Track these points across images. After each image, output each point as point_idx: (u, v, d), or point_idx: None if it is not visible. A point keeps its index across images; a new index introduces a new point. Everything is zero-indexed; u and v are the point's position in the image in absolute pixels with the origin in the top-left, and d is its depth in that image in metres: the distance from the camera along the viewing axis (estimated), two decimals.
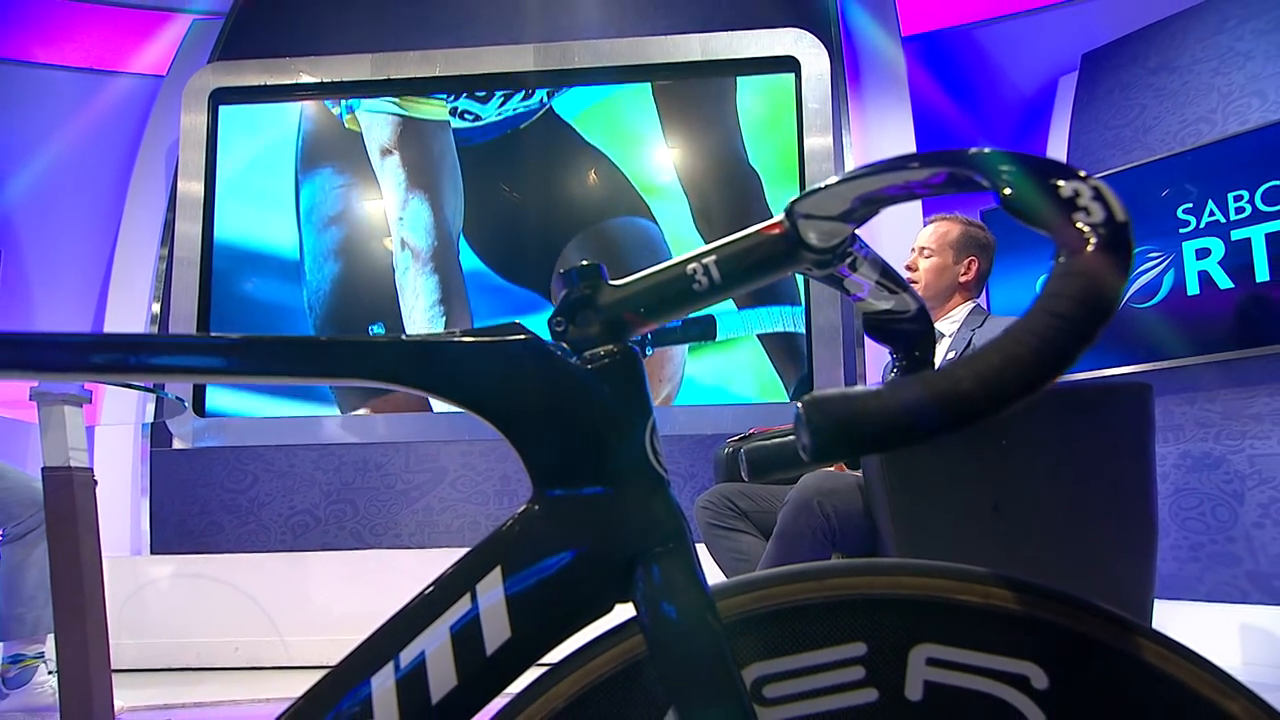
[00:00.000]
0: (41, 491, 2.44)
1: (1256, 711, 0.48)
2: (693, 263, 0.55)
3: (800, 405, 0.43)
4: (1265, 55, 3.79)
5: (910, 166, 0.50)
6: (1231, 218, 3.56)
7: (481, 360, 0.56)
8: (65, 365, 0.59)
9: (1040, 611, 0.51)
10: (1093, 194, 0.42)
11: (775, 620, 0.53)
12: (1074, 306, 0.40)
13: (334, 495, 4.19)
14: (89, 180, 4.96)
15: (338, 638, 3.75)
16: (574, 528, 0.55)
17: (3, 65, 4.89)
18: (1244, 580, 3.50)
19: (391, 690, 0.52)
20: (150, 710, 2.79)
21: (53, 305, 4.96)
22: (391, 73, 4.49)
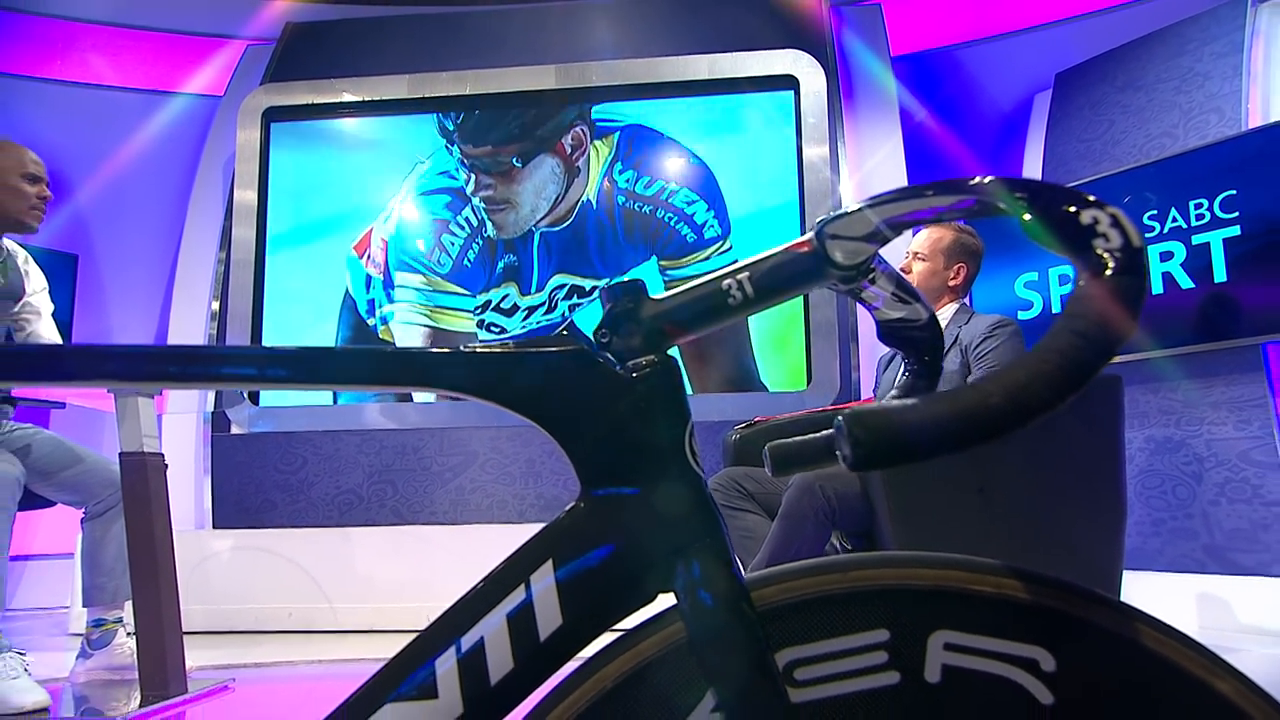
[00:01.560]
0: (118, 473, 2.46)
1: (1243, 689, 0.48)
2: (728, 279, 0.54)
3: (842, 419, 0.43)
4: (1222, 75, 3.79)
5: (938, 193, 0.50)
6: (1192, 224, 3.55)
7: (533, 369, 0.56)
8: (184, 376, 0.61)
9: (1047, 600, 0.50)
10: (1110, 221, 0.42)
11: (805, 609, 0.52)
12: (1094, 326, 0.41)
13: (375, 476, 4.20)
14: (154, 190, 4.98)
15: (381, 605, 3.77)
16: (619, 524, 0.54)
17: (76, 88, 4.92)
18: (1201, 553, 3.51)
19: (454, 671, 0.51)
20: (217, 669, 2.80)
21: (124, 304, 4.99)
22: (426, 92, 4.51)
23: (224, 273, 4.48)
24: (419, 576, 3.78)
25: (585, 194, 4.37)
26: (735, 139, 4.37)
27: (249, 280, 4.39)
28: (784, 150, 4.32)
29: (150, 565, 2.39)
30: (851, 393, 4.01)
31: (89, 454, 2.63)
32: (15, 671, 2.21)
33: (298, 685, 2.80)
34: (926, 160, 4.71)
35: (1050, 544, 2.21)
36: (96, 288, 4.93)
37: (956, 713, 0.50)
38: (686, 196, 4.31)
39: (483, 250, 4.37)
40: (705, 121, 4.38)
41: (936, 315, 2.60)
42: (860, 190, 4.33)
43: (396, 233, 4.44)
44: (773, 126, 4.36)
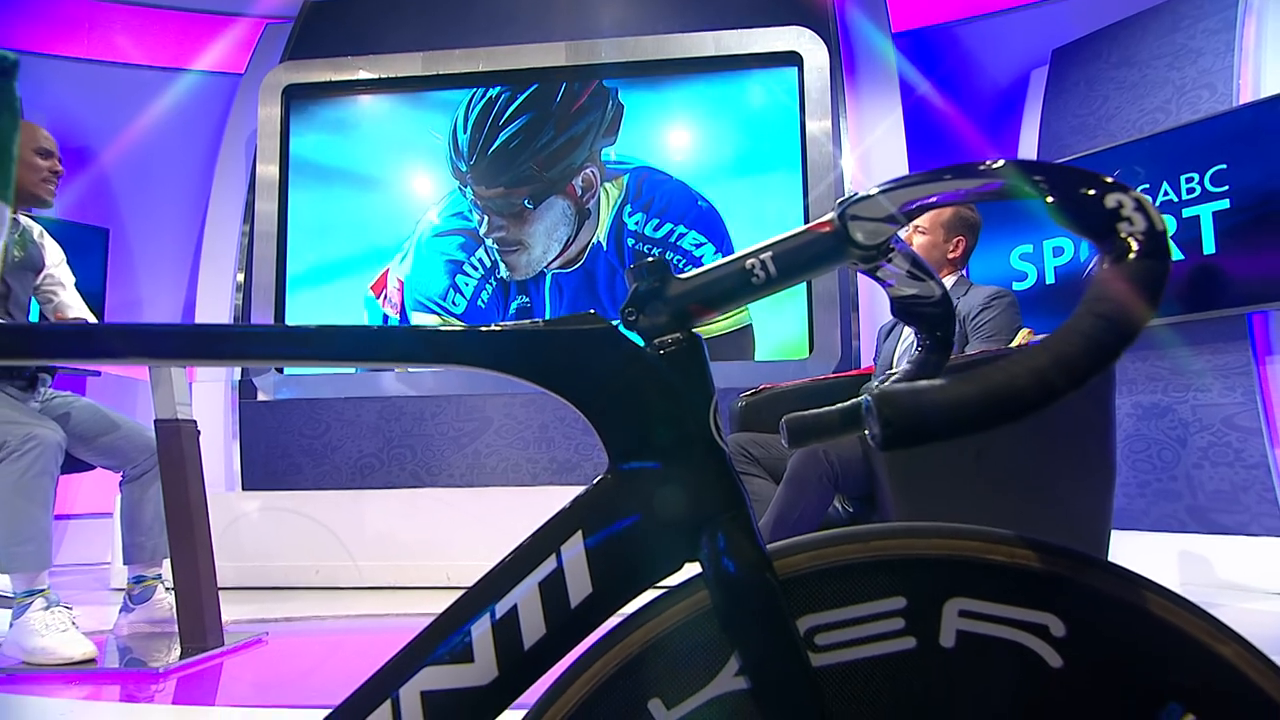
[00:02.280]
0: (153, 439, 2.49)
1: (1245, 653, 0.48)
2: (751, 258, 0.54)
3: (871, 399, 0.43)
4: (1215, 52, 3.74)
5: (962, 177, 0.49)
6: (1183, 197, 3.54)
7: (562, 347, 0.55)
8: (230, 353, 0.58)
9: (1058, 569, 0.50)
10: (1134, 205, 0.42)
11: (825, 577, 0.52)
12: (1118, 309, 0.40)
13: (395, 441, 4.23)
14: (180, 166, 4.97)
15: (401, 563, 3.81)
16: (645, 496, 0.53)
17: (103, 66, 4.90)
18: (1183, 513, 3.53)
19: (488, 636, 0.52)
20: (250, 623, 2.84)
21: (154, 276, 5.00)
22: (439, 69, 4.47)
23: (248, 246, 4.49)
24: (437, 536, 3.82)
25: (596, 236, 4.33)
26: (744, 181, 4.31)
27: (271, 253, 4.39)
28: (791, 188, 4.26)
29: (186, 525, 2.43)
30: (851, 361, 4.02)
31: (125, 420, 2.66)
32: (64, 625, 2.25)
33: (327, 638, 2.84)
34: (926, 135, 4.67)
35: (1043, 505, 2.22)
36: (127, 260, 4.94)
37: (970, 676, 0.50)
38: (694, 239, 4.27)
39: (496, 291, 4.35)
40: (714, 164, 4.34)
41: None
42: (862, 164, 4.31)
43: (412, 273, 4.41)
44: (783, 166, 4.29)
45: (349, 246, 4.47)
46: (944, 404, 0.41)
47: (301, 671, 2.37)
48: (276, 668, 2.36)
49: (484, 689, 0.51)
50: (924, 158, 4.56)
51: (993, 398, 0.41)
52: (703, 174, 4.31)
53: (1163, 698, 0.47)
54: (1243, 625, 0.44)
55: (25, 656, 2.22)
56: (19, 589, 2.28)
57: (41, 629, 2.21)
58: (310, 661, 2.51)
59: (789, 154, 4.26)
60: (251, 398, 4.31)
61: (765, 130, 4.32)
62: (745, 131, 4.34)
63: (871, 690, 0.51)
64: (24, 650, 2.22)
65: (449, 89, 4.48)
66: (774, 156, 4.28)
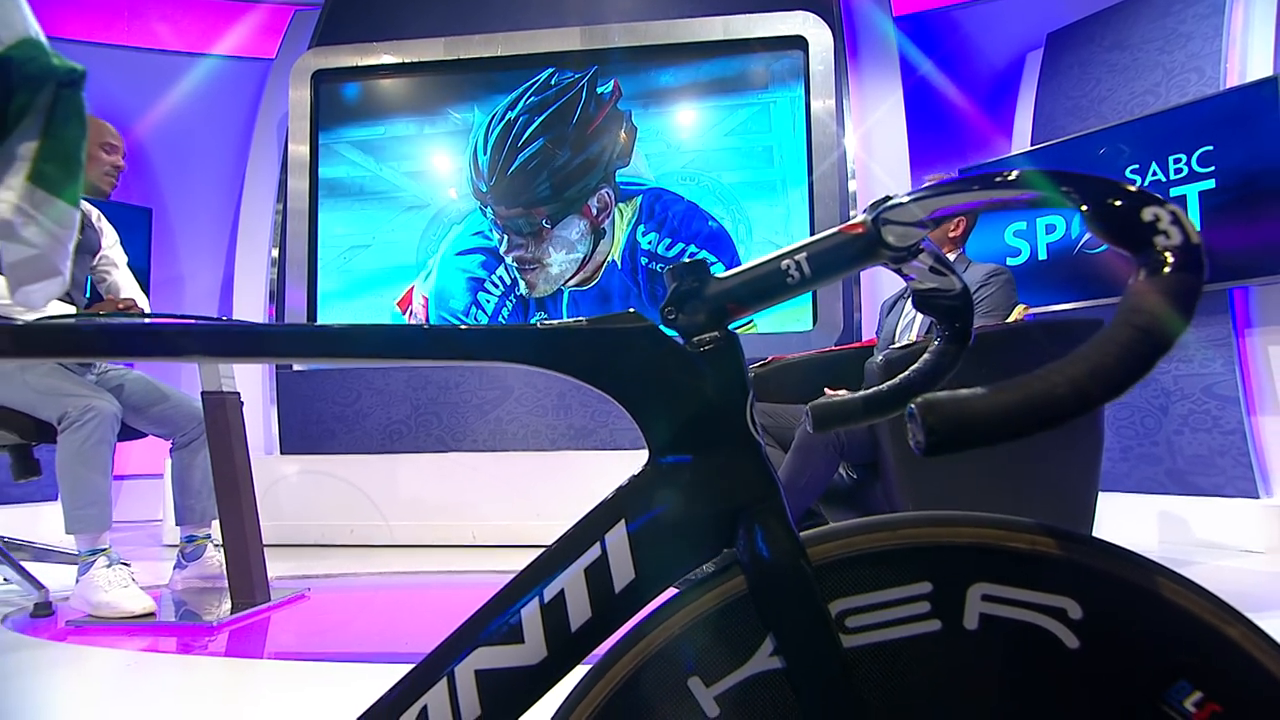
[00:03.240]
0: (200, 408, 2.52)
1: (1250, 634, 0.48)
2: (786, 259, 0.53)
3: (915, 406, 0.42)
4: (1204, 36, 3.70)
5: (1001, 185, 0.47)
6: (1171, 177, 3.51)
7: (605, 345, 0.55)
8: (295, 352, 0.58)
9: (1075, 555, 0.50)
10: (1171, 219, 0.40)
11: (856, 564, 0.52)
12: (1155, 321, 0.39)
13: (422, 409, 4.26)
14: (216, 147, 4.96)
15: (429, 522, 3.86)
16: (685, 487, 0.53)
17: (142, 53, 4.88)
18: (1163, 476, 3.56)
19: (537, 619, 0.52)
20: (293, 579, 2.90)
21: (194, 253, 5.01)
22: (460, 54, 4.44)
23: (282, 222, 4.49)
24: (462, 498, 3.87)
25: (610, 255, 4.31)
26: (754, 205, 4.29)
27: (304, 229, 4.40)
28: (800, 212, 4.24)
29: (233, 488, 2.46)
30: (853, 333, 4.03)
31: (174, 392, 2.69)
32: (125, 581, 2.31)
33: (365, 593, 2.88)
34: (926, 115, 4.64)
35: (1035, 471, 2.24)
36: (169, 238, 4.95)
37: (991, 657, 0.50)
38: (706, 259, 4.23)
39: (516, 308, 4.33)
40: (722, 187, 4.31)
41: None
42: (864, 143, 4.28)
43: (436, 289, 4.40)
44: (791, 181, 4.26)
45: (377, 262, 4.48)
46: (986, 412, 0.41)
47: (342, 625, 2.42)
48: (320, 621, 2.41)
49: (533, 668, 0.51)
50: (923, 137, 4.52)
51: (1032, 406, 0.41)
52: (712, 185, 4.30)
53: (1172, 675, 0.48)
54: (1217, 580, 0.46)
55: (91, 610, 2.28)
56: (83, 548, 2.33)
57: (105, 585, 2.27)
58: (351, 615, 2.56)
59: (795, 165, 4.23)
60: (288, 368, 4.34)
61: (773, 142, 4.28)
62: (754, 145, 4.30)
63: (899, 670, 0.51)
64: (90, 604, 2.28)
65: (469, 73, 4.46)
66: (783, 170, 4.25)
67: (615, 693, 0.53)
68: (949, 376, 0.62)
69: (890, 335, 2.91)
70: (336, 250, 4.46)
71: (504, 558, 3.43)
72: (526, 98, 4.41)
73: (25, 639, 2.16)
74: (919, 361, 0.63)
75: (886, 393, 0.64)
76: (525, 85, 4.42)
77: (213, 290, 4.98)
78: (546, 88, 4.41)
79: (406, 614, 2.60)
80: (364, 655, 2.03)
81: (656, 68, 4.37)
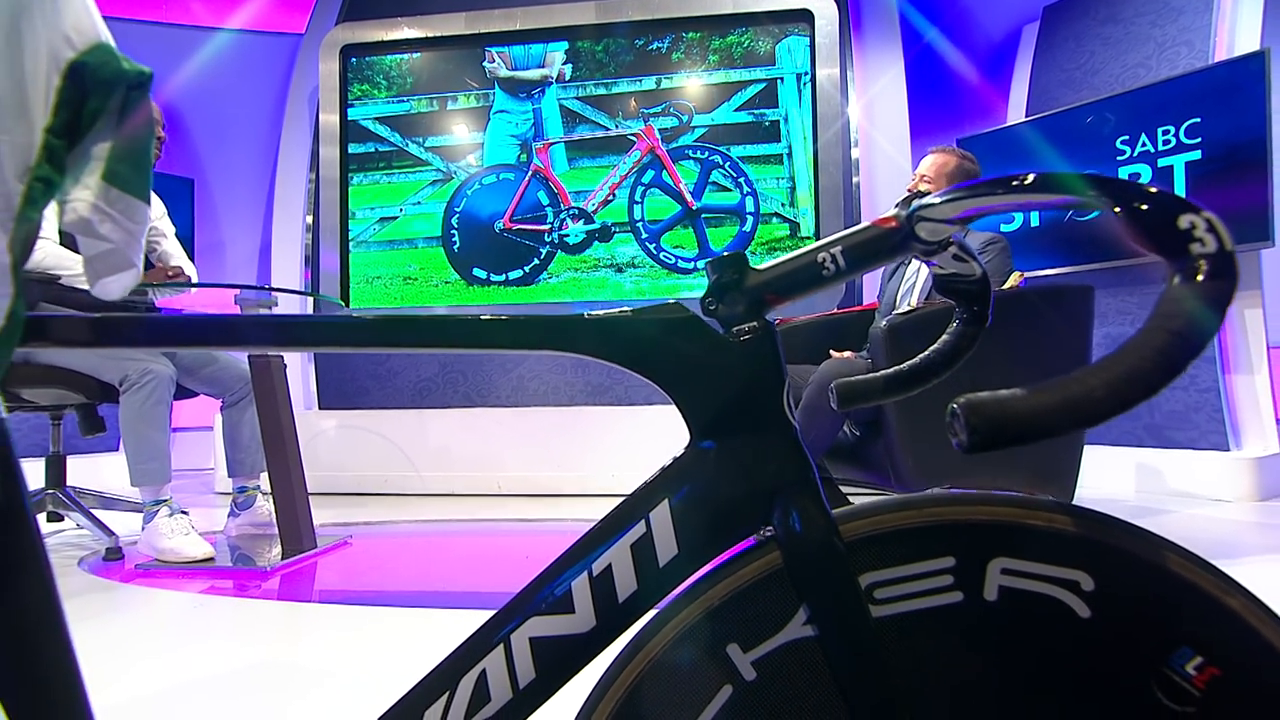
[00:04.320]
0: (247, 370, 2.55)
1: (1249, 605, 0.48)
2: (822, 252, 0.53)
3: (958, 407, 0.42)
4: (1194, 10, 3.62)
5: (1035, 188, 0.46)
6: (1159, 148, 3.48)
7: (649, 334, 0.55)
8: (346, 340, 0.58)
9: (1089, 531, 0.50)
10: (1206, 226, 0.39)
11: (884, 540, 0.53)
12: (1187, 325, 0.39)
13: (449, 367, 4.28)
14: (251, 119, 4.94)
15: (457, 473, 3.91)
16: (725, 468, 0.54)
17: (180, 29, 4.82)
18: (1140, 430, 3.58)
19: (587, 591, 0.52)
20: (335, 526, 2.96)
21: (233, 220, 5.01)
22: (480, 28, 4.38)
23: (314, 190, 4.48)
24: (487, 450, 3.92)
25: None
26: (760, 170, 4.23)
27: (336, 196, 4.39)
28: (804, 178, 4.17)
29: (279, 443, 2.50)
30: (855, 295, 4.02)
31: (222, 354, 2.71)
32: (186, 529, 2.36)
33: (402, 540, 2.94)
34: (926, 84, 4.57)
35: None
36: (210, 207, 4.95)
37: (1009, 626, 0.51)
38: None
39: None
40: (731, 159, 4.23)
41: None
42: (866, 112, 4.22)
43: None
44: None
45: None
46: (1026, 413, 0.41)
47: (384, 571, 2.47)
48: (363, 565, 2.47)
49: (583, 635, 0.52)
50: (923, 106, 4.46)
51: (1070, 407, 0.40)
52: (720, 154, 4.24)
53: (1176, 642, 0.48)
54: (1189, 528, 0.46)
55: (157, 555, 2.34)
56: (147, 499, 2.39)
57: (168, 532, 2.33)
58: (391, 560, 2.61)
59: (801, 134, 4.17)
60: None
61: (780, 112, 4.22)
62: (762, 115, 4.24)
63: (924, 638, 0.52)
64: (155, 550, 2.34)
65: (489, 46, 4.40)
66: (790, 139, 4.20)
67: (660, 656, 0.53)
68: (966, 356, 0.62)
69: (891, 300, 2.90)
70: (367, 219, 4.45)
71: (527, 506, 3.49)
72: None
73: (99, 580, 2.22)
74: (938, 342, 0.63)
75: (906, 372, 0.63)
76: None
77: (251, 255, 4.98)
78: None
79: (441, 560, 2.66)
80: (404, 599, 2.09)
81: (669, 39, 4.30)
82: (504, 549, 2.78)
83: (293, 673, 1.54)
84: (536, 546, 2.80)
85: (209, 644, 1.72)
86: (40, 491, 2.66)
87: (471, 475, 3.90)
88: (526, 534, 2.97)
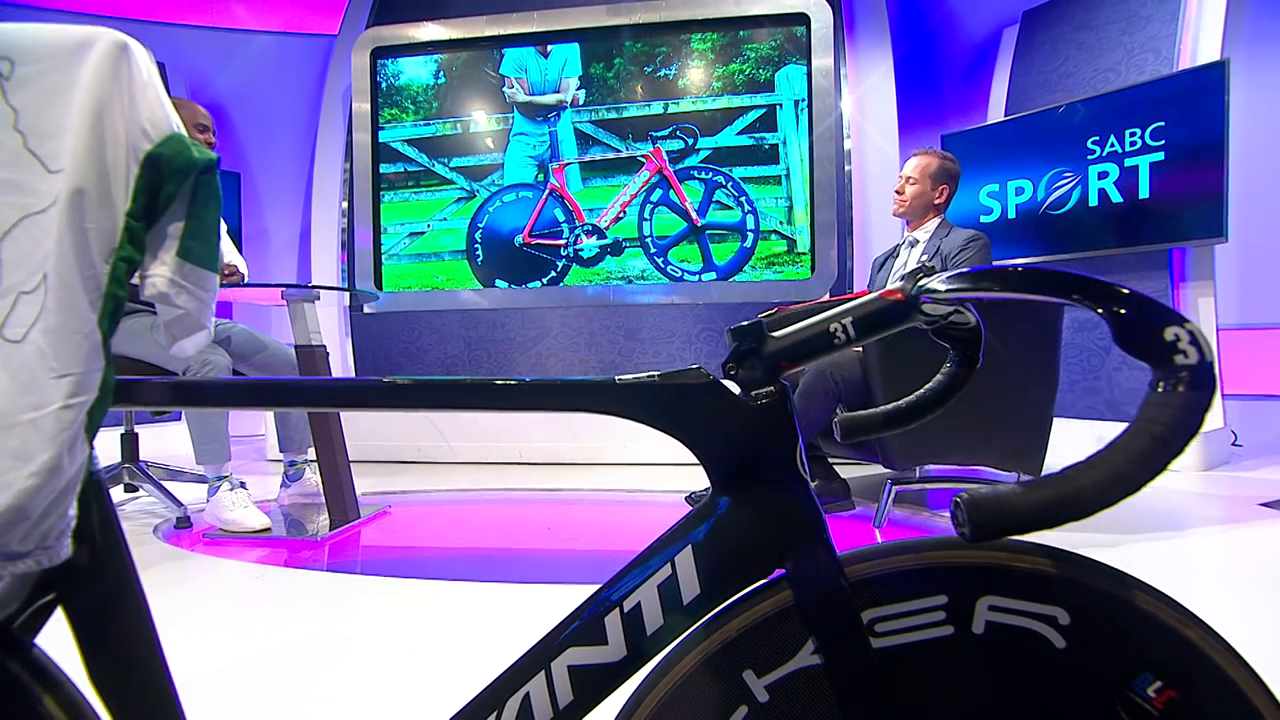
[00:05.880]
0: (293, 355, 2.57)
1: (1205, 636, 0.50)
2: (834, 322, 0.53)
3: (961, 502, 0.43)
4: (1161, 20, 3.58)
5: (1037, 288, 0.46)
6: (1126, 149, 3.47)
7: (675, 397, 0.55)
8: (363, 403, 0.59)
9: (1067, 572, 0.51)
10: (1190, 339, 0.40)
11: (885, 581, 0.54)
12: (1169, 430, 0.39)
13: (473, 345, 4.30)
14: (290, 114, 4.90)
15: (483, 443, 3.95)
16: (743, 517, 0.55)
17: (226, 33, 4.78)
18: (1102, 405, 3.62)
19: (618, 624, 0.54)
20: (376, 495, 3.01)
21: (276, 209, 5.01)
22: (500, 30, 4.33)
23: (349, 179, 4.47)
24: (509, 421, 3.94)
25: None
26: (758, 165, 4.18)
27: (368, 187, 4.38)
28: (798, 169, 4.13)
29: (324, 426, 2.54)
30: (846, 280, 4.02)
31: (270, 341, 2.72)
32: (245, 502, 2.42)
33: (437, 508, 2.98)
34: (913, 81, 4.52)
35: (1004, 406, 2.27)
36: (255, 198, 4.95)
37: (994, 655, 0.53)
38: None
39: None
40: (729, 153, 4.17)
41: (923, 229, 2.54)
42: (858, 106, 4.18)
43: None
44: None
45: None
46: (1022, 510, 0.42)
47: (421, 539, 2.52)
48: (404, 533, 2.52)
49: (615, 664, 0.54)
50: (911, 101, 4.42)
51: (1062, 504, 0.41)
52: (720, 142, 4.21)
53: (1139, 668, 0.50)
54: (1142, 495, 0.47)
55: (221, 525, 2.40)
56: (210, 475, 2.44)
57: (230, 505, 2.39)
58: (428, 527, 2.66)
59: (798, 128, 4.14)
60: (359, 310, 4.40)
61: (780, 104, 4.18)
62: (762, 108, 4.20)
63: (918, 666, 0.54)
64: (220, 520, 2.40)
65: (508, 47, 4.35)
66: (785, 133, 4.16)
67: (683, 680, 0.55)
68: (959, 395, 0.62)
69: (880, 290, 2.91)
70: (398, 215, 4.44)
71: (547, 474, 3.55)
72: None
73: (172, 549, 2.27)
74: (933, 381, 0.64)
75: (904, 408, 0.64)
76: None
77: (292, 242, 4.99)
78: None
79: (471, 530, 2.72)
80: (440, 570, 2.14)
81: (678, 39, 4.25)
82: (527, 516, 2.84)
83: (341, 645, 1.56)
84: (556, 515, 2.86)
85: (268, 614, 1.76)
86: (117, 466, 2.71)
87: (496, 445, 3.95)
88: (547, 502, 3.03)
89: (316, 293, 2.59)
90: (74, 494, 0.56)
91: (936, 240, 2.73)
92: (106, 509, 0.61)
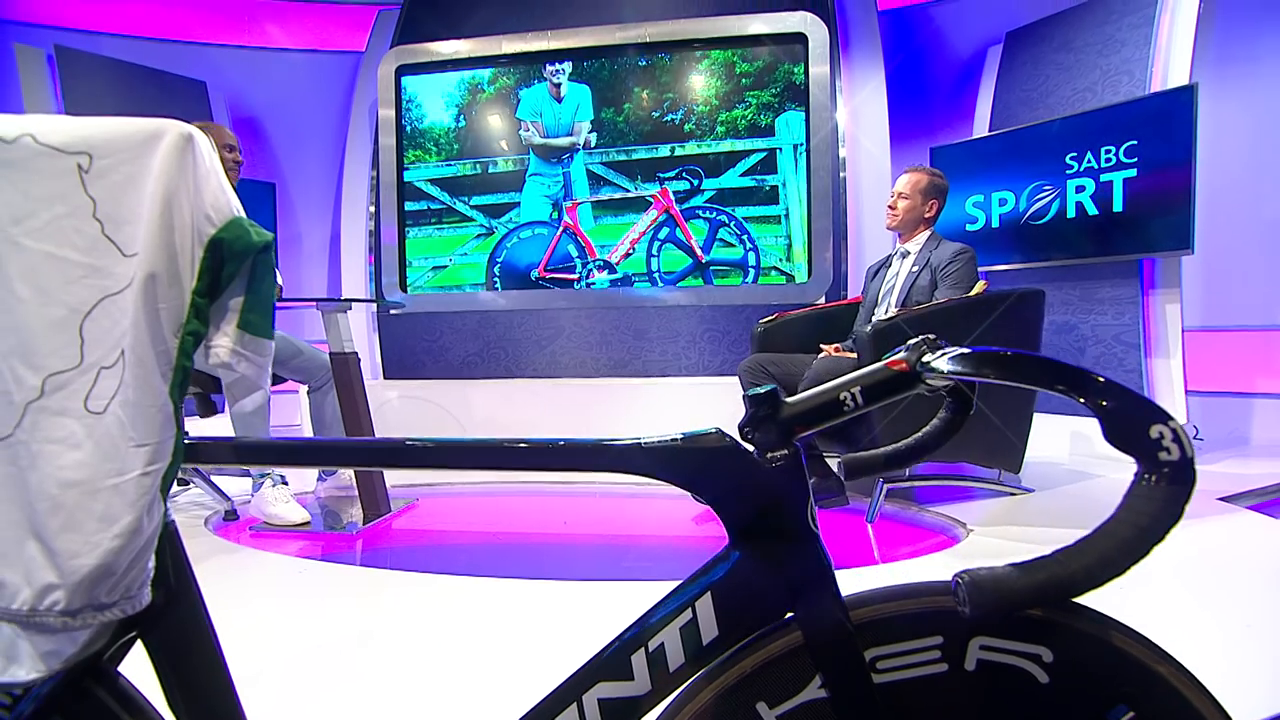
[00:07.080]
0: (327, 360, 2.59)
1: (1175, 671, 0.51)
2: (844, 390, 0.54)
3: (961, 583, 0.45)
4: (1135, 44, 3.57)
5: (1032, 378, 0.46)
6: (1102, 165, 3.47)
7: (697, 458, 0.56)
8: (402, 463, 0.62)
9: (1052, 615, 0.52)
10: (1173, 437, 0.40)
11: (886, 623, 0.55)
12: (1151, 521, 0.40)
13: (492, 344, 4.30)
14: (320, 127, 4.91)
15: (500, 436, 3.98)
16: (758, 567, 0.56)
17: (258, 51, 4.78)
18: (1079, 403, 3.63)
19: (644, 662, 0.56)
20: (403, 488, 3.01)
21: (308, 216, 5.01)
22: (518, 48, 4.31)
23: (375, 185, 4.47)
24: (526, 415, 3.96)
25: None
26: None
27: (393, 199, 4.38)
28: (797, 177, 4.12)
29: (357, 424, 2.56)
30: (841, 283, 4.01)
31: (305, 346, 2.74)
32: (286, 497, 2.45)
33: (460, 500, 3.01)
34: (903, 95, 4.51)
35: (985, 407, 2.31)
36: (289, 206, 4.96)
37: (983, 690, 0.54)
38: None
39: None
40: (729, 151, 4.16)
41: (914, 241, 2.55)
42: (853, 118, 4.17)
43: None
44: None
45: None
46: (1018, 590, 0.43)
47: (448, 531, 2.56)
48: (433, 525, 2.55)
49: (640, 697, 0.56)
50: (901, 114, 4.41)
51: (1053, 585, 0.43)
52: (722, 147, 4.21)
53: (1114, 701, 0.51)
54: (1114, 489, 0.47)
55: (265, 519, 2.44)
56: (254, 473, 2.48)
57: (273, 500, 2.43)
58: (455, 519, 2.70)
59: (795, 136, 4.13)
60: (385, 312, 4.42)
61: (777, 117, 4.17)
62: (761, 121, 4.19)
63: (915, 700, 0.55)
64: (264, 515, 2.44)
65: (525, 64, 4.34)
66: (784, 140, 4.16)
67: (701, 711, 0.57)
68: (953, 437, 0.64)
69: (874, 298, 2.91)
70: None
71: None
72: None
73: (222, 543, 2.30)
74: (929, 425, 0.65)
75: (904, 450, 0.65)
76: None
77: (323, 246, 5.00)
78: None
79: (494, 522, 2.76)
80: (465, 565, 2.17)
81: (683, 56, 4.24)
82: (545, 508, 2.88)
83: (373, 639, 1.58)
84: (571, 509, 2.89)
85: (310, 609, 1.78)
86: None
87: (515, 433, 3.95)
88: (563, 495, 3.07)
89: (349, 305, 2.62)
90: (153, 548, 0.59)
91: (927, 252, 2.75)
92: (179, 554, 0.64)
